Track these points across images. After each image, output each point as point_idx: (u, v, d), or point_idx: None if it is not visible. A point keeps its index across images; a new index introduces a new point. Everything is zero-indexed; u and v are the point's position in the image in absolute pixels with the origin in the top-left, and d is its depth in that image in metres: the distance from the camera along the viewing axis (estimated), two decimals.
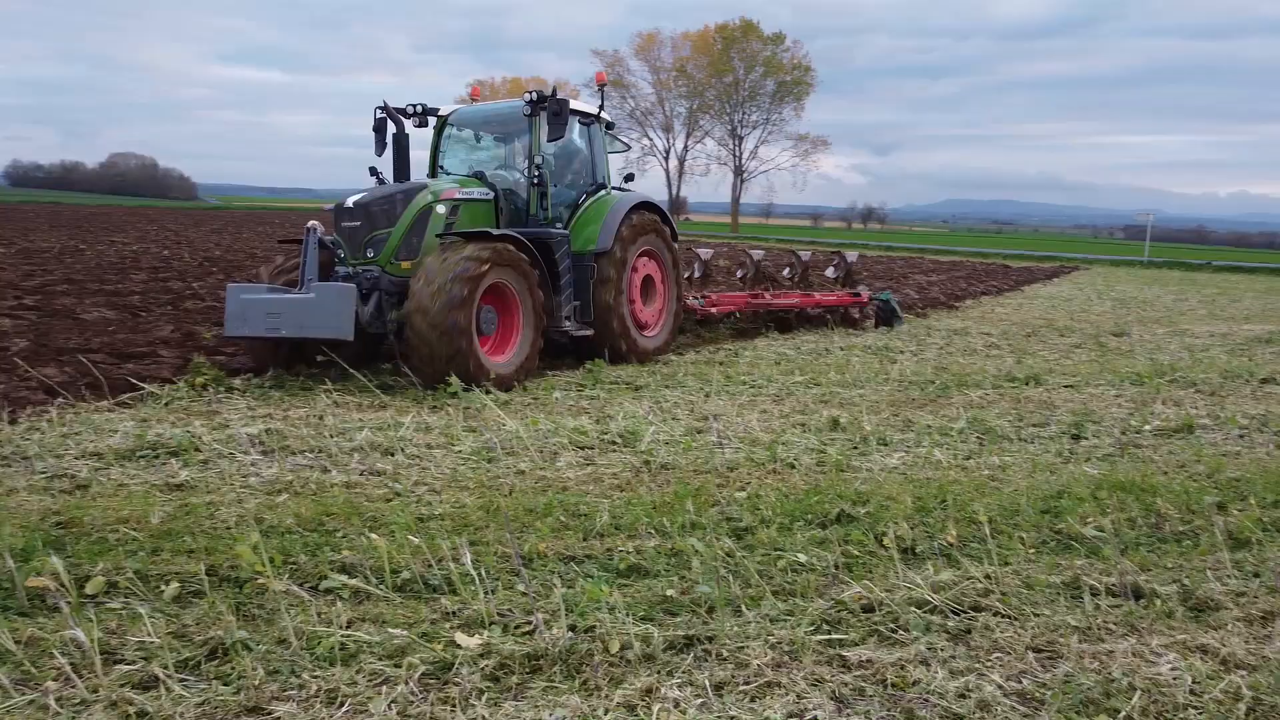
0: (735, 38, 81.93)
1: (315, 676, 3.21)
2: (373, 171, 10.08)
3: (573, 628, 3.59)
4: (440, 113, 10.88)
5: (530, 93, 9.96)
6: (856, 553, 4.51)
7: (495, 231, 9.03)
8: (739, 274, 17.75)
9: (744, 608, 3.85)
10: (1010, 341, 13.96)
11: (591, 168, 11.16)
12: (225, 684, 3.18)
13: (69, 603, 3.63)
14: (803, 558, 4.39)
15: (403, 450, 6.33)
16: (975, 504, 5.25)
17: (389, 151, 10.30)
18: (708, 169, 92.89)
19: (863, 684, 3.29)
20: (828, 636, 3.62)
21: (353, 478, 5.72)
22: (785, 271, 17.73)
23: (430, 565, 4.14)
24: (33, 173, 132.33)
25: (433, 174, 10.88)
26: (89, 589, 3.87)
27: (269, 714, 3.00)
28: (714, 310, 13.22)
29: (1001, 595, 4.02)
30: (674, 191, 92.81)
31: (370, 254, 9.02)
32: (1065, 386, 9.87)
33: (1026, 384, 9.90)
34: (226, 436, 6.46)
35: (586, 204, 10.74)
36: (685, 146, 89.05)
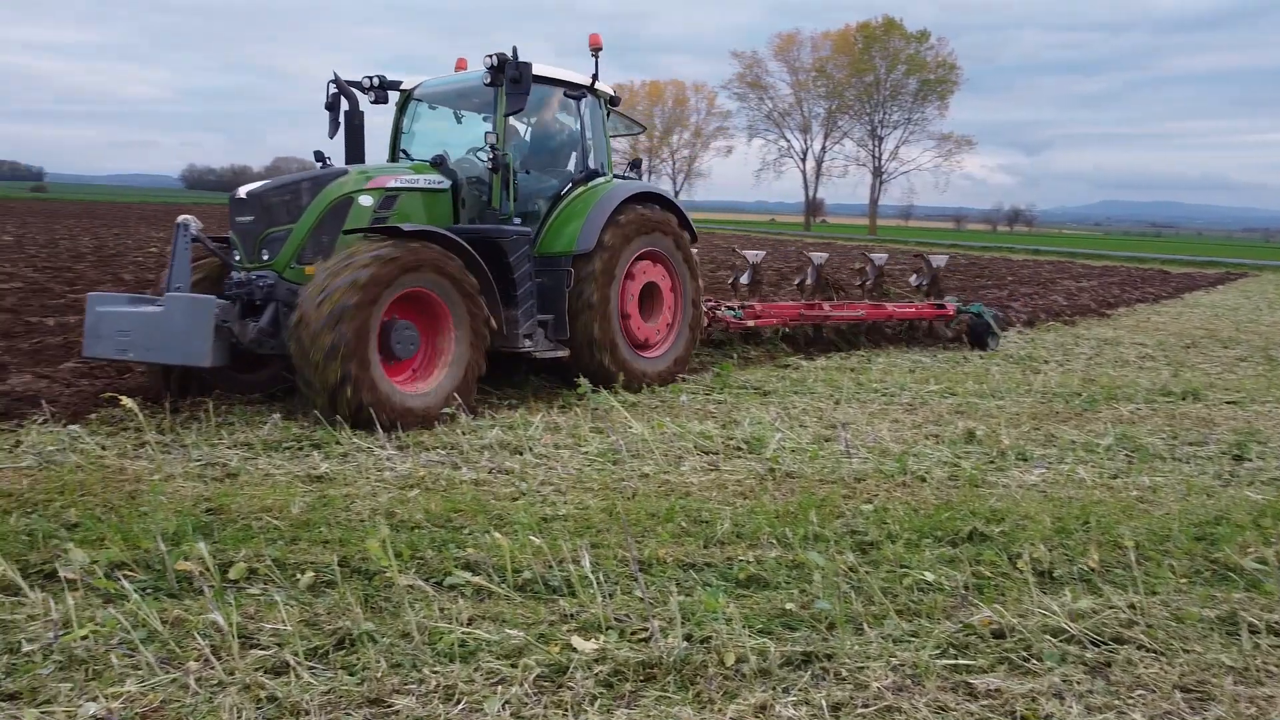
0: (877, 36, 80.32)
1: (435, 672, 3.28)
2: (318, 157, 8.32)
3: (689, 637, 3.56)
4: (403, 86, 9.14)
5: (491, 56, 8.00)
6: (988, 574, 4.31)
7: (409, 226, 7.30)
8: (797, 281, 15.61)
9: (866, 626, 3.73)
10: (1167, 353, 13.15)
11: (582, 151, 9.22)
12: (350, 674, 3.28)
13: (211, 587, 3.83)
14: (930, 576, 4.22)
15: (531, 449, 6.43)
16: (1121, 527, 4.96)
17: (348, 135, 8.70)
18: (845, 170, 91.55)
19: (989, 714, 3.13)
20: (953, 661, 3.47)
21: (481, 475, 5.85)
22: (865, 280, 15.55)
23: (551, 566, 4.18)
24: (205, 176, 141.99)
25: (394, 159, 9.13)
26: (232, 574, 4.07)
27: (389, 707, 3.08)
28: (752, 324, 11.23)
29: (1147, 627, 3.76)
30: (810, 193, 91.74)
31: (265, 256, 7.36)
32: (1228, 403, 9.22)
33: (1183, 399, 9.30)
34: (361, 431, 6.71)
35: (572, 196, 8.85)
36: (823, 148, 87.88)
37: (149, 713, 2.99)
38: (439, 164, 8.33)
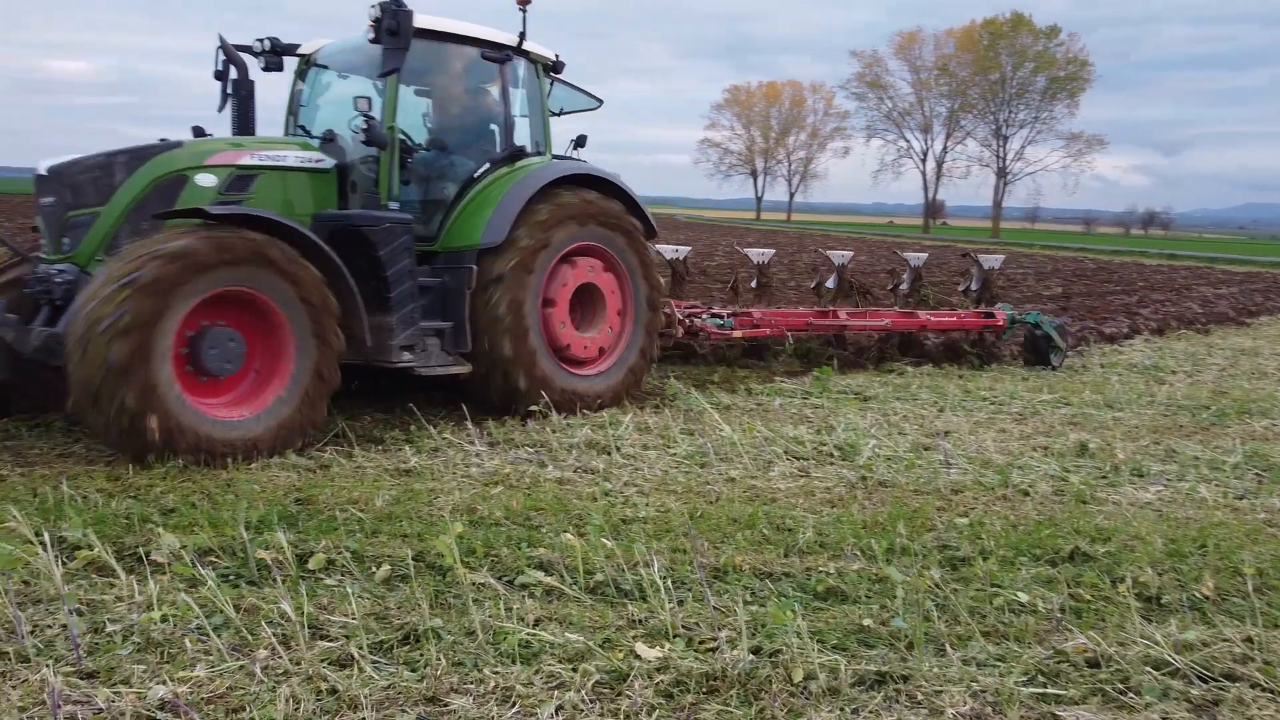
0: (1004, 32, 77.73)
1: (495, 672, 3.24)
2: (197, 133, 7.13)
3: (757, 650, 3.43)
4: (301, 50, 7.82)
5: (375, 5, 6.58)
6: (1088, 597, 4.03)
7: (218, 210, 5.89)
8: (814, 283, 14.14)
9: (948, 647, 3.52)
10: None
11: (505, 126, 7.70)
12: (412, 670, 3.28)
13: (284, 576, 3.89)
14: (1024, 597, 3.97)
15: (619, 449, 6.37)
16: (1243, 552, 4.57)
17: (235, 108, 7.50)
18: (967, 171, 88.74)
19: None
20: (1041, 690, 3.24)
21: (566, 474, 5.82)
22: (901, 284, 13.79)
23: (623, 569, 4.10)
24: None
25: (290, 135, 7.72)
26: (311, 564, 4.14)
27: (444, 705, 3.05)
28: (739, 335, 9.63)
29: (1264, 664, 3.43)
30: (931, 195, 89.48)
31: (67, 245, 6.13)
32: None
33: None
34: (453, 425, 6.78)
35: (488, 180, 7.39)
36: (944, 148, 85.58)
37: (213, 698, 3.04)
38: (329, 140, 7.01)
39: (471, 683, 3.18)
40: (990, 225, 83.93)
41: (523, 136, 7.85)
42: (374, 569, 4.13)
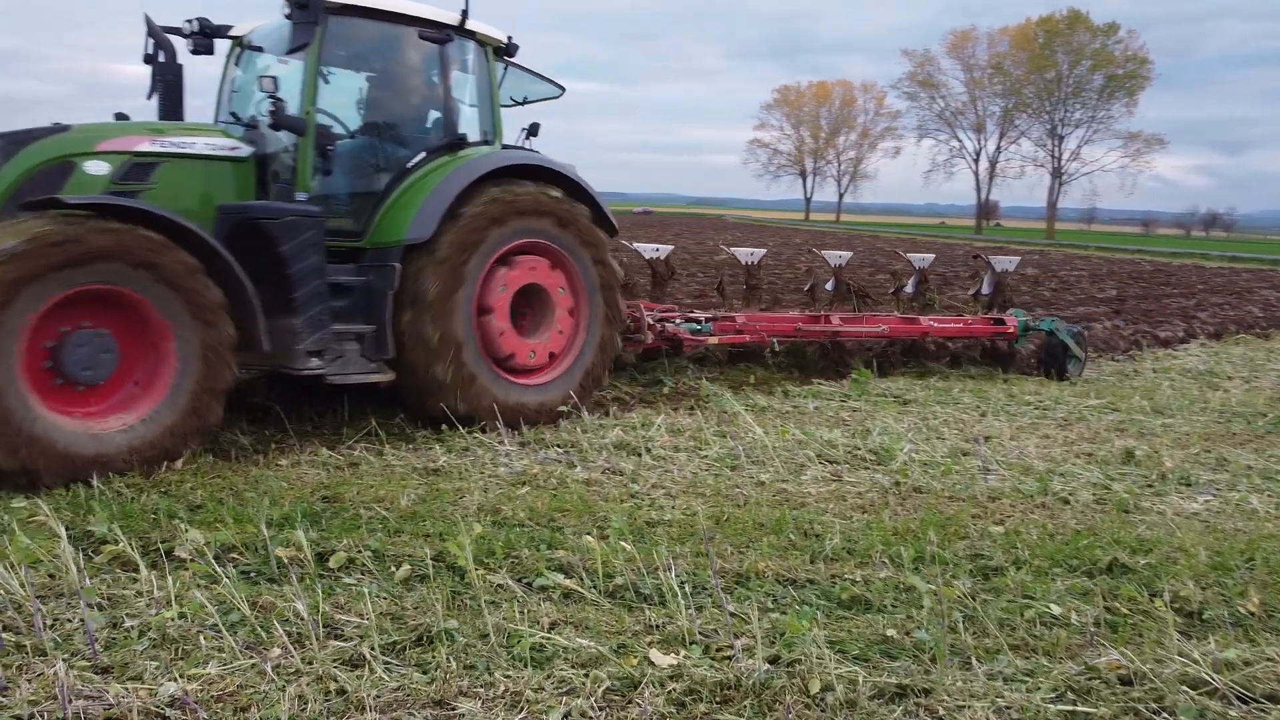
0: (1060, 30, 76.26)
1: (506, 676, 3.20)
2: (118, 119, 6.56)
3: (775, 659, 3.34)
4: (233, 32, 7.25)
5: None
6: (1125, 611, 3.88)
7: (75, 199, 5.30)
8: (807, 286, 13.34)
9: (974, 660, 3.40)
10: None
11: (446, 112, 7.05)
12: (423, 672, 3.24)
13: (303, 574, 3.89)
14: (1056, 610, 3.83)
15: (649, 451, 6.31)
16: None
17: (163, 94, 6.98)
18: (1021, 171, 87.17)
19: None
20: (1070, 708, 3.11)
21: (594, 475, 5.77)
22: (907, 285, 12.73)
23: (643, 573, 4.04)
24: None
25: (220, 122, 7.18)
26: (331, 563, 4.13)
27: (452, 710, 3.01)
28: (715, 341, 8.97)
29: None
30: (984, 195, 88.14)
31: None
32: None
33: None
34: (486, 424, 6.76)
35: (423, 170, 6.82)
36: (998, 148, 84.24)
37: (223, 696, 3.03)
38: (253, 126, 6.51)
39: (481, 686, 3.14)
40: (1045, 226, 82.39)
41: (472, 125, 7.26)
42: (394, 569, 4.11)
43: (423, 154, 6.92)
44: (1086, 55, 75.91)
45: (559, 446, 6.43)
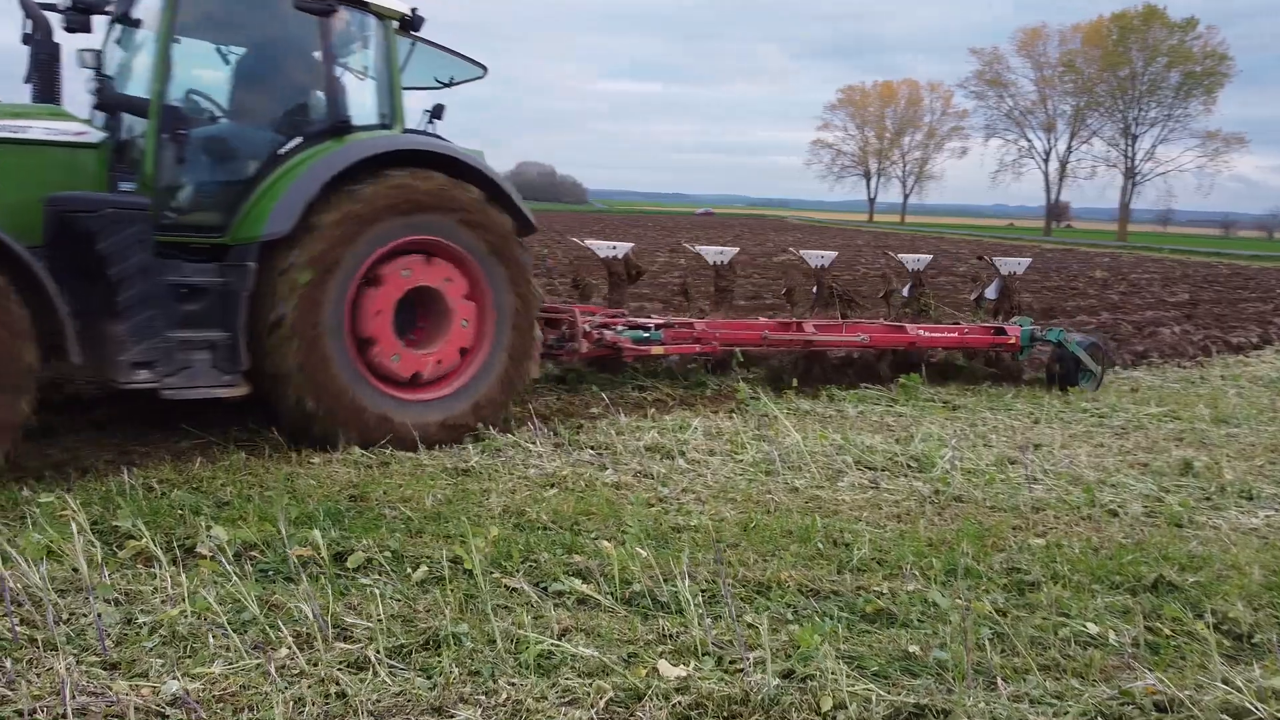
0: (1135, 27, 74.19)
1: (510, 683, 3.13)
2: None
3: (789, 674, 3.22)
4: (109, 8, 6.22)
5: None
6: (1167, 631, 3.68)
7: None
8: (784, 290, 12.05)
9: (1000, 681, 3.24)
10: None
11: (329, 92, 6.27)
12: (426, 677, 3.19)
13: (318, 574, 3.87)
14: (1093, 629, 3.65)
15: (683, 454, 6.21)
16: None
17: (38, 75, 6.13)
18: (1093, 172, 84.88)
19: None
20: None
21: (624, 478, 5.68)
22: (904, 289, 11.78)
23: (660, 580, 3.94)
24: None
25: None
26: (349, 563, 4.11)
27: (450, 717, 2.95)
28: (660, 350, 8.09)
29: None
30: (1053, 196, 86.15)
31: None
32: None
33: None
34: (523, 424, 6.72)
35: (296, 159, 6.04)
36: (1068, 148, 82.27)
37: (224, 696, 3.01)
38: (107, 109, 5.80)
39: (483, 693, 3.08)
40: (1117, 228, 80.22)
41: (368, 108, 6.49)
42: (411, 570, 4.08)
43: (299, 139, 6.19)
44: (1162, 52, 73.75)
45: (593, 448, 6.36)
